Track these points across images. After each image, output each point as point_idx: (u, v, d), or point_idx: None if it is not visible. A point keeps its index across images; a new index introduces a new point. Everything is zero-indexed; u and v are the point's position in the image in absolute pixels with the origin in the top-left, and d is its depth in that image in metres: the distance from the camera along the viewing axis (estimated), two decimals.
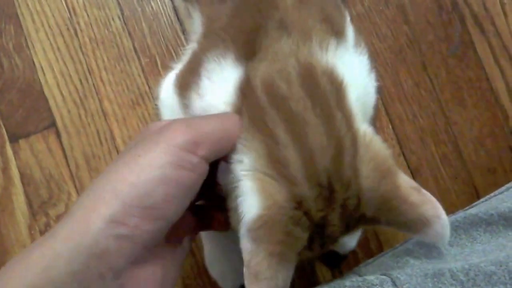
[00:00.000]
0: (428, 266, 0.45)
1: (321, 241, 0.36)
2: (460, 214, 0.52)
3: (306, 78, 0.37)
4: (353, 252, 0.62)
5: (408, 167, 0.62)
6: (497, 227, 0.50)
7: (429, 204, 0.36)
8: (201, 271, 0.61)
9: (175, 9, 0.65)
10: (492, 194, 0.54)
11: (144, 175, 0.30)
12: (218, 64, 0.42)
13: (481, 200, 0.55)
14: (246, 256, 0.34)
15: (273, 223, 0.33)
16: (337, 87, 0.38)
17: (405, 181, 0.36)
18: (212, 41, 0.45)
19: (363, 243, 0.61)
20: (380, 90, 0.62)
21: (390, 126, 0.63)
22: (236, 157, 0.36)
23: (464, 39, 0.65)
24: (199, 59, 0.46)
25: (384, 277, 0.45)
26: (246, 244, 0.34)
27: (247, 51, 0.40)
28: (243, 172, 0.35)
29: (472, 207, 0.54)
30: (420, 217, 0.36)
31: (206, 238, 0.58)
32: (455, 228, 0.51)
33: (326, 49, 0.40)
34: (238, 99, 0.38)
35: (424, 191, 0.37)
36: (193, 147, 0.32)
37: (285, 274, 0.34)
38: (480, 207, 0.53)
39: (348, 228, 0.37)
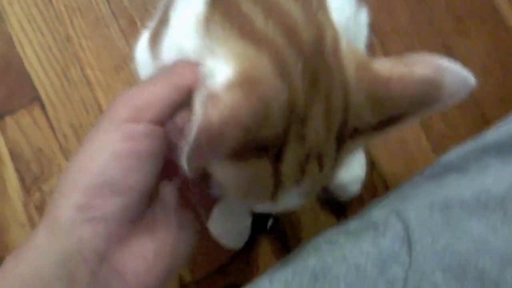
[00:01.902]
0: (435, 197, 0.42)
1: (303, 146, 0.30)
2: (468, 144, 0.48)
3: None
4: (360, 198, 0.58)
5: None
6: (510, 151, 0.45)
7: (422, 63, 0.28)
8: None
9: None
10: (503, 120, 0.50)
11: (96, 158, 0.30)
12: None
13: (491, 128, 0.50)
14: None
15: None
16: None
17: (382, 63, 0.29)
18: None
19: (368, 187, 0.57)
20: (373, 26, 0.58)
21: None
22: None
23: None
24: (169, 4, 0.43)
25: (389, 212, 0.42)
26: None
27: None
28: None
29: (482, 136, 0.50)
30: (420, 85, 0.28)
31: None
32: (465, 158, 0.47)
33: None
34: (209, 8, 0.33)
35: (411, 55, 0.30)
36: (137, 115, 0.30)
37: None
38: (490, 134, 0.49)
39: (340, 141, 0.30)
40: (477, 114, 0.58)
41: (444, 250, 0.35)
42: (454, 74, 0.28)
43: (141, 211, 0.32)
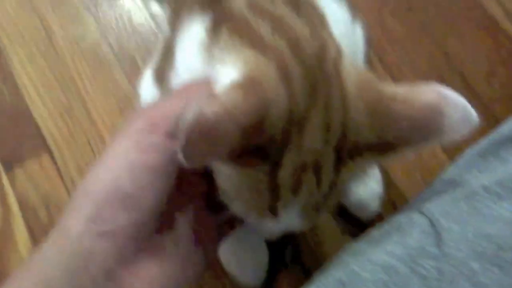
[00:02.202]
0: (457, 191, 0.40)
1: (300, 154, 0.29)
2: (484, 141, 0.47)
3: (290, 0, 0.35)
4: (380, 217, 0.56)
5: None
6: None
7: (427, 89, 0.28)
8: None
9: (147, 9, 0.64)
10: None
11: (109, 169, 0.30)
12: (187, 27, 0.40)
13: (503, 123, 0.49)
14: None
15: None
16: (320, 17, 0.35)
17: (390, 86, 0.30)
18: (181, 14, 0.44)
19: (387, 205, 0.55)
20: (369, 42, 0.59)
21: (389, 76, 0.59)
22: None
23: None
24: (171, 41, 0.45)
25: (411, 213, 0.40)
26: None
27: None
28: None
29: (496, 131, 0.49)
30: (421, 109, 0.28)
31: None
32: (482, 154, 0.46)
33: None
34: (213, 30, 0.35)
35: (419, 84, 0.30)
36: (152, 127, 0.31)
37: None
38: (503, 128, 0.47)
39: (340, 157, 0.30)
40: (488, 117, 0.57)
41: (475, 236, 0.33)
42: (458, 107, 0.28)
43: (151, 231, 0.31)
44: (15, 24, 0.65)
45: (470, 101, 0.57)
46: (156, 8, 0.65)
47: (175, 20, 0.46)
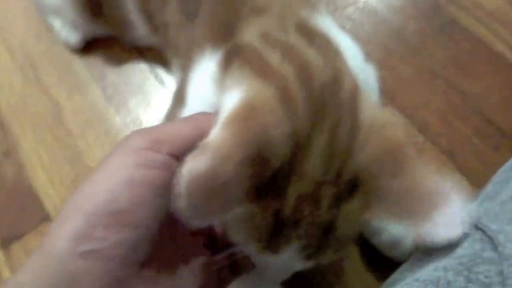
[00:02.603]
0: (502, 198, 0.35)
1: (301, 180, 0.29)
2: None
3: (302, 28, 0.36)
4: None
5: (442, 151, 0.54)
6: None
7: (441, 179, 0.29)
8: None
9: (155, 76, 0.66)
10: None
11: (106, 182, 0.28)
12: (198, 64, 0.41)
13: None
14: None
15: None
16: (335, 50, 0.36)
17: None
18: (191, 55, 0.45)
19: None
20: (380, 85, 0.59)
21: (403, 117, 0.57)
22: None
23: (446, 18, 0.63)
24: (182, 84, 0.45)
25: None
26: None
27: (223, 35, 0.39)
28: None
29: None
30: (433, 187, 0.28)
31: None
32: None
33: (315, 18, 0.39)
34: (224, 63, 0.36)
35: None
36: (156, 145, 0.29)
37: None
38: None
39: (340, 191, 0.30)
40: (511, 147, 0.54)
41: None
42: (453, 213, 0.28)
43: (145, 254, 0.28)
44: (19, 96, 0.66)
45: (493, 135, 0.53)
46: (163, 74, 0.67)
47: (186, 62, 0.47)
